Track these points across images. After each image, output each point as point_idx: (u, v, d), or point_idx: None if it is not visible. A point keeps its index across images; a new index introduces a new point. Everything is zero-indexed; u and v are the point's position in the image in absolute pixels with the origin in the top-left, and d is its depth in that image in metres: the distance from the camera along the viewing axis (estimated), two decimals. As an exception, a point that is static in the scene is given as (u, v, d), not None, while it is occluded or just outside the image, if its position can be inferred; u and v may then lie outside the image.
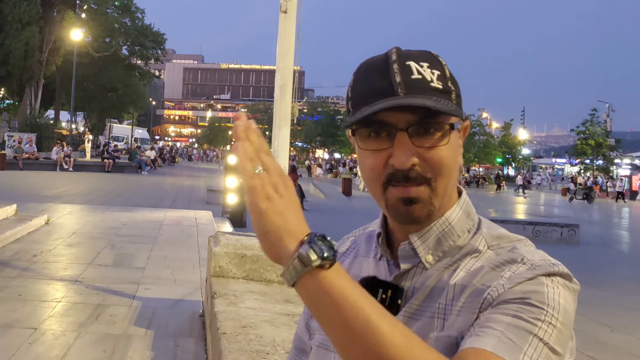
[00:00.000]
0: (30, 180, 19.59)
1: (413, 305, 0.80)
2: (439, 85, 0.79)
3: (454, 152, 0.80)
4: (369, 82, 0.81)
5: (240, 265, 4.00)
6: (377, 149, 0.79)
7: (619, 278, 9.60)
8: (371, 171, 0.80)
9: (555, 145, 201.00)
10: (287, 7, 4.27)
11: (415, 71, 0.79)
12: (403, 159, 0.77)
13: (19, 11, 30.00)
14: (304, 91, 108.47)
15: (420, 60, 0.80)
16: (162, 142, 72.20)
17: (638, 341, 5.66)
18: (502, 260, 0.78)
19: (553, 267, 0.75)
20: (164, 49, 44.33)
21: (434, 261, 0.82)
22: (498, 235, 0.83)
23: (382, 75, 0.80)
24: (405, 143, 0.77)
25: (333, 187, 27.59)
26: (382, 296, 0.82)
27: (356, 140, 0.82)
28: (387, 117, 0.78)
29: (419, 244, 0.82)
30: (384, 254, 0.87)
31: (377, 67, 0.81)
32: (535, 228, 13.37)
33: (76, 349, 3.76)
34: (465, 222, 0.84)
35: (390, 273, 0.85)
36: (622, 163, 52.99)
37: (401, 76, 0.78)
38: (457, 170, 0.83)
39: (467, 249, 0.82)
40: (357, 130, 0.81)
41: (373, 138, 0.80)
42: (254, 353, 2.48)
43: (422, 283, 0.81)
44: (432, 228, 0.82)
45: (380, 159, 0.79)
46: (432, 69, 0.80)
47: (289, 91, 4.29)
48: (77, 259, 6.59)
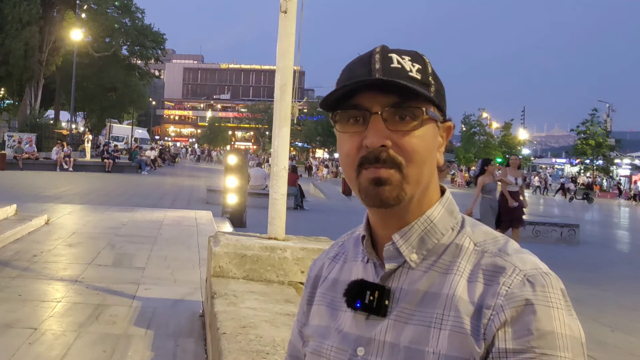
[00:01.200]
0: (30, 180, 19.59)
1: (406, 309, 0.80)
2: (418, 76, 0.80)
3: (428, 143, 0.81)
4: (351, 72, 0.83)
5: (240, 265, 4.00)
6: (352, 132, 0.81)
7: (619, 278, 9.59)
8: (346, 156, 0.82)
9: (555, 145, 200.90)
10: (287, 7, 4.27)
11: (395, 61, 0.81)
12: (374, 140, 0.78)
13: (19, 11, 29.99)
14: (304, 91, 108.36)
15: (402, 54, 0.82)
16: (162, 142, 72.11)
17: (638, 341, 5.66)
18: (494, 268, 0.77)
19: (546, 278, 0.75)
20: (164, 49, 44.32)
21: (419, 260, 0.82)
22: (482, 233, 0.83)
23: (363, 64, 0.82)
24: (379, 126, 0.79)
25: (333, 187, 27.58)
26: (369, 298, 0.82)
27: (336, 127, 0.84)
28: (362, 100, 0.80)
29: (401, 243, 0.83)
30: (369, 256, 0.87)
31: (361, 60, 0.83)
32: (535, 228, 13.36)
33: (76, 349, 3.76)
34: (448, 220, 0.84)
35: (377, 275, 0.85)
36: (622, 163, 53.01)
37: (381, 64, 0.80)
38: (432, 163, 0.84)
39: (452, 247, 0.82)
40: (337, 117, 0.83)
41: (351, 124, 0.82)
42: (254, 353, 2.48)
43: (410, 284, 0.81)
44: (413, 226, 0.83)
45: (354, 143, 0.81)
46: (413, 62, 0.82)
47: (289, 91, 4.28)
48: (77, 259, 6.59)
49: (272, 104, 4.53)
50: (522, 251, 0.80)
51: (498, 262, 0.78)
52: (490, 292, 0.75)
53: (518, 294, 0.74)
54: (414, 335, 0.78)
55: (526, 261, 0.77)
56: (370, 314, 0.82)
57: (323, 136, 70.10)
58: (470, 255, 0.80)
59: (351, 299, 0.84)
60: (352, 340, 0.83)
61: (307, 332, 0.94)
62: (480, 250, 0.80)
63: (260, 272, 4.00)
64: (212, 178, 24.59)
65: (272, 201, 4.30)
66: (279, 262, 4.00)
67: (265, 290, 3.74)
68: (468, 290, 0.77)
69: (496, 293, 0.75)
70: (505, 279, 0.75)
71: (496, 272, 0.77)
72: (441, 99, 0.83)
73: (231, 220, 10.68)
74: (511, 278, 0.75)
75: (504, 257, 0.78)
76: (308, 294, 0.97)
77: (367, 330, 0.82)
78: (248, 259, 4.01)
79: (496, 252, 0.79)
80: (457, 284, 0.78)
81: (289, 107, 4.30)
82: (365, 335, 0.82)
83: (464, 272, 0.79)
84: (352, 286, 0.85)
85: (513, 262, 0.77)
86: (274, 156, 4.37)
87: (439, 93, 0.83)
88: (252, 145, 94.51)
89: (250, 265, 4.01)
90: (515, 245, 0.81)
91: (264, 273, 4.00)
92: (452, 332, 0.75)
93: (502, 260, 0.78)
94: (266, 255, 4.01)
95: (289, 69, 4.29)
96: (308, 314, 0.95)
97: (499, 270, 0.77)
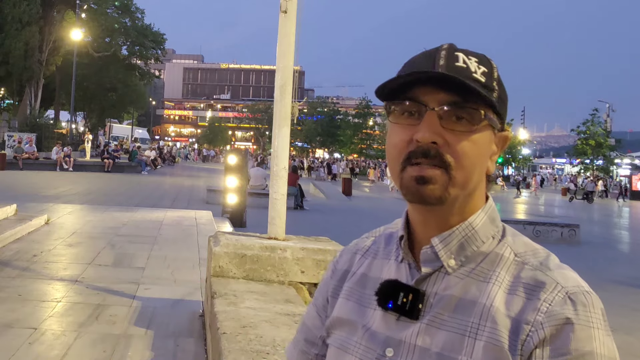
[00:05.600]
0: (30, 180, 19.59)
1: (441, 314, 0.79)
2: (482, 79, 0.78)
3: (481, 149, 0.79)
4: (413, 65, 0.81)
5: (240, 265, 4.00)
6: (405, 124, 0.79)
7: (619, 278, 9.60)
8: (394, 148, 0.80)
9: (556, 145, 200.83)
10: (287, 7, 4.27)
11: (461, 60, 0.78)
12: (426, 134, 0.76)
13: (19, 11, 29.96)
14: (304, 91, 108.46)
15: (470, 55, 0.80)
16: (161, 142, 72.10)
17: (638, 341, 5.66)
18: (534, 282, 0.76)
19: (587, 297, 0.74)
20: (164, 49, 44.34)
21: (456, 266, 0.81)
22: (523, 243, 0.82)
23: (427, 59, 0.80)
24: (433, 121, 0.77)
25: (333, 187, 27.61)
26: (402, 300, 0.81)
27: (389, 118, 0.82)
28: (420, 94, 0.78)
29: (440, 248, 0.81)
30: (405, 257, 0.85)
31: (426, 54, 0.81)
32: (535, 228, 13.37)
33: (76, 349, 3.76)
34: (489, 228, 0.82)
35: (412, 277, 0.83)
36: (622, 163, 53.03)
37: (446, 60, 0.78)
38: (482, 169, 0.81)
39: (492, 256, 0.80)
40: (393, 109, 0.81)
41: (405, 117, 0.80)
42: (254, 353, 2.47)
43: (444, 289, 0.80)
44: (454, 232, 0.81)
45: (405, 136, 0.79)
46: (479, 64, 0.79)
47: (289, 91, 4.28)
48: (77, 259, 6.59)
49: (272, 104, 4.53)
50: (563, 267, 0.79)
51: (539, 277, 0.76)
52: (530, 307, 0.74)
53: (559, 311, 0.72)
54: (447, 342, 0.76)
55: (568, 278, 0.76)
56: (401, 315, 0.81)
57: (323, 136, 70.11)
58: (510, 266, 0.79)
59: (383, 298, 0.83)
60: (382, 340, 0.82)
61: (328, 323, 0.92)
62: (521, 262, 0.79)
63: (260, 272, 4.00)
64: (212, 178, 24.58)
65: (272, 201, 4.30)
66: (279, 262, 4.00)
67: (265, 290, 3.74)
68: (506, 303, 0.76)
69: (536, 309, 0.74)
70: (547, 295, 0.74)
71: (537, 287, 0.75)
72: (502, 107, 0.80)
73: (231, 220, 10.68)
74: (552, 294, 0.74)
75: (546, 271, 0.77)
76: (334, 286, 0.95)
77: (397, 332, 0.81)
78: (248, 259, 4.00)
79: (537, 265, 0.78)
80: (495, 295, 0.76)
81: (289, 107, 4.30)
82: (395, 336, 0.81)
83: (502, 282, 0.77)
84: (386, 286, 0.84)
85: (555, 278, 0.76)
86: (274, 156, 4.37)
87: (502, 100, 0.80)
88: (252, 145, 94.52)
89: (250, 265, 4.00)
90: (556, 260, 0.80)
91: (264, 273, 4.00)
92: (488, 343, 0.74)
93: (543, 275, 0.76)
94: (266, 255, 4.01)
95: (289, 69, 4.29)
96: (333, 305, 0.93)
97: (539, 285, 0.75)
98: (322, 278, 1.01)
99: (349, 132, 63.01)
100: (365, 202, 22.67)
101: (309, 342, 0.96)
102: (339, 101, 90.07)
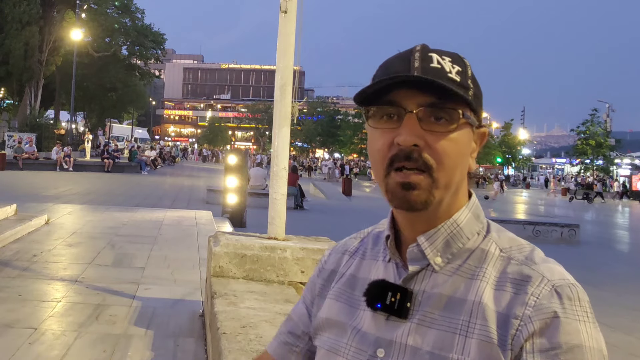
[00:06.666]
0: (30, 180, 19.59)
1: (431, 313, 0.79)
2: (457, 78, 0.79)
3: (461, 148, 0.80)
4: (389, 68, 0.81)
5: (240, 265, 4.00)
6: (385, 128, 0.80)
7: (619, 278, 9.60)
8: (377, 152, 0.81)
9: (555, 145, 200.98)
10: (287, 7, 4.27)
11: (435, 61, 0.79)
12: (407, 138, 0.77)
13: (19, 11, 29.98)
14: (304, 91, 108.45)
15: (443, 55, 0.81)
16: (162, 142, 72.11)
17: (638, 341, 5.66)
18: (521, 277, 0.77)
19: (573, 289, 0.75)
20: (164, 49, 44.33)
21: (443, 263, 0.81)
22: (507, 239, 0.83)
23: (402, 61, 0.80)
24: (413, 124, 0.77)
25: (333, 187, 27.62)
26: (391, 299, 0.81)
27: (368, 122, 0.82)
28: (398, 97, 0.78)
29: (427, 246, 0.81)
30: (392, 256, 0.86)
31: (400, 57, 0.82)
32: (535, 228, 13.38)
33: (76, 349, 3.76)
34: (474, 225, 0.83)
35: (399, 276, 0.84)
36: (622, 163, 53.04)
37: (420, 62, 0.79)
38: (464, 168, 0.82)
39: (478, 252, 0.81)
40: (371, 113, 0.82)
41: (384, 121, 0.80)
42: (254, 353, 2.47)
43: (432, 287, 0.80)
44: (440, 229, 0.82)
45: (386, 140, 0.79)
46: (453, 63, 0.80)
47: (289, 91, 4.28)
48: (77, 259, 6.59)
49: (272, 104, 4.53)
50: (549, 260, 0.80)
51: (525, 271, 0.77)
52: (518, 301, 0.75)
53: (546, 305, 0.73)
54: (438, 341, 0.77)
55: (554, 271, 0.77)
56: (390, 315, 0.81)
57: (323, 136, 70.16)
58: (496, 262, 0.80)
59: (372, 299, 0.83)
60: (372, 341, 0.82)
61: (316, 324, 0.92)
62: (507, 257, 0.80)
63: (260, 272, 4.00)
64: (212, 178, 24.59)
65: (272, 201, 4.30)
66: (279, 262, 4.00)
67: (265, 290, 3.74)
68: (495, 298, 0.76)
69: (524, 303, 0.74)
70: (534, 288, 0.75)
71: (524, 281, 0.76)
72: (478, 104, 0.81)
73: (231, 220, 10.68)
74: (539, 288, 0.75)
75: (532, 265, 0.78)
76: (321, 286, 0.95)
77: (387, 332, 0.81)
78: (248, 258, 4.00)
79: (523, 259, 0.79)
80: (483, 291, 0.77)
81: (289, 107, 4.30)
82: (385, 337, 0.81)
83: (489, 278, 0.78)
84: (373, 286, 0.84)
85: (541, 272, 0.76)
86: (274, 156, 4.37)
87: (477, 98, 0.81)
88: (252, 145, 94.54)
89: (250, 265, 4.00)
90: (541, 254, 0.81)
91: (264, 273, 4.00)
92: (480, 340, 0.74)
93: (529, 269, 0.77)
94: (266, 255, 4.01)
95: (289, 69, 4.29)
96: (319, 305, 0.93)
97: (526, 279, 0.76)
98: (310, 276, 1.01)
99: (349, 132, 63.05)
100: (365, 202, 22.66)
101: (293, 335, 0.97)
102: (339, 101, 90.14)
